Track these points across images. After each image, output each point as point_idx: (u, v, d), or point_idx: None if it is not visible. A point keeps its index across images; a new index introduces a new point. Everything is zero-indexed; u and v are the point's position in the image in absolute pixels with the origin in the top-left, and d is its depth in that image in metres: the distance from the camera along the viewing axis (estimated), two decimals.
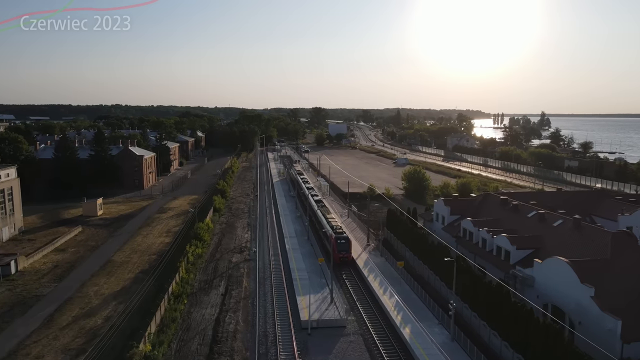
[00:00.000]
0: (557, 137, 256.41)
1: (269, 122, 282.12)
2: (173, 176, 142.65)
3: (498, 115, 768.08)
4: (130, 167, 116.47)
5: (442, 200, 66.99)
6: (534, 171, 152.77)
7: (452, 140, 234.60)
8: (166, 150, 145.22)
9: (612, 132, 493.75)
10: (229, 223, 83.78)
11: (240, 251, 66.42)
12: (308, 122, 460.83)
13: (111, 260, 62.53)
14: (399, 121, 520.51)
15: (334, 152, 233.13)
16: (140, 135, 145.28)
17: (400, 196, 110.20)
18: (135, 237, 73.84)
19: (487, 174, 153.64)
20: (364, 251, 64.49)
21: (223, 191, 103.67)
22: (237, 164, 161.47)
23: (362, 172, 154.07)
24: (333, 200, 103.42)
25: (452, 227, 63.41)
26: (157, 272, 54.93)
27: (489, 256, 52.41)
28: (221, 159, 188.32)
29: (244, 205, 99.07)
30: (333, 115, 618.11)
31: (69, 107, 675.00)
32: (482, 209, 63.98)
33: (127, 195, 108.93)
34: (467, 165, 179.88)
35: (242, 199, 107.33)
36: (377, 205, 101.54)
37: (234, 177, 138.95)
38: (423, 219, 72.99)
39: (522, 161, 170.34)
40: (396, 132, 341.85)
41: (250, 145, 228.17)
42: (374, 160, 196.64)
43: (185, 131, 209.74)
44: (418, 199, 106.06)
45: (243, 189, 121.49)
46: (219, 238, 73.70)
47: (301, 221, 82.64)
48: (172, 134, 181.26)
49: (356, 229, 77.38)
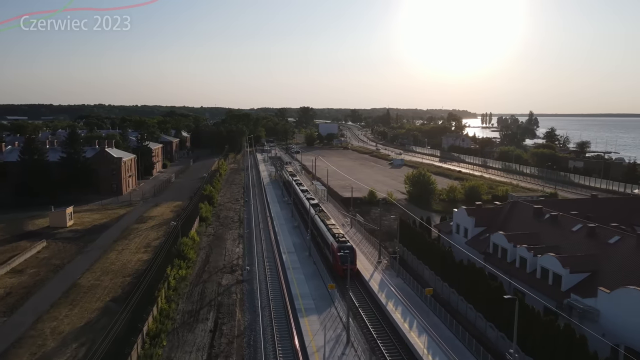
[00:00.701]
0: (552, 136, 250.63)
1: (257, 122, 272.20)
2: (156, 180, 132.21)
3: (486, 114, 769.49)
4: (107, 170, 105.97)
5: (465, 209, 58.28)
6: (538, 172, 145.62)
7: (448, 140, 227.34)
8: (148, 151, 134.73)
9: (599, 131, 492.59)
10: (217, 235, 74.16)
11: (231, 270, 56.94)
12: (296, 121, 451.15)
13: (77, 283, 52.59)
14: (388, 121, 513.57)
15: (325, 152, 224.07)
16: (120, 135, 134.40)
17: (403, 201, 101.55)
18: (108, 253, 63.82)
19: (489, 175, 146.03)
20: (376, 270, 55.50)
21: (210, 197, 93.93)
22: (225, 166, 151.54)
23: (358, 174, 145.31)
24: (332, 207, 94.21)
25: (477, 241, 54.76)
26: (132, 301, 45.21)
27: (531, 280, 43.79)
28: (208, 161, 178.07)
29: (234, 213, 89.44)
30: (321, 115, 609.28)
31: (50, 107, 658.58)
32: (512, 220, 55.46)
33: (104, 202, 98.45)
34: (465, 166, 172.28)
35: (232, 205, 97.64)
36: (379, 212, 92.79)
37: (221, 180, 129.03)
38: (439, 230, 64.27)
39: (522, 162, 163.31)
40: (387, 131, 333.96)
41: (238, 146, 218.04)
42: (368, 161, 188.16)
43: (169, 131, 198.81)
44: (423, 204, 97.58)
45: (232, 193, 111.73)
46: (207, 253, 64.11)
47: (299, 232, 73.41)
48: (155, 134, 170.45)
49: (363, 242, 68.34)
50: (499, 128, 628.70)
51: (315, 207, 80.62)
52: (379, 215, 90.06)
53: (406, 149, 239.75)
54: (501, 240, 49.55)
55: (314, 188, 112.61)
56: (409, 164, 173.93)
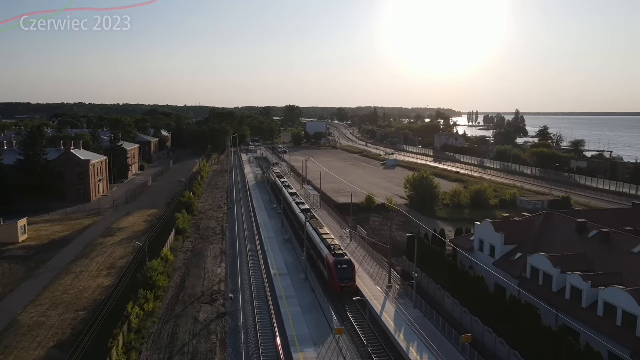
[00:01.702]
0: (545, 135, 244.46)
1: (242, 121, 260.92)
2: (131, 183, 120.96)
3: (472, 113, 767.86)
4: (73, 174, 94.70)
5: (491, 223, 49.03)
6: (540, 173, 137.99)
7: (441, 139, 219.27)
8: (122, 152, 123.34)
9: (587, 130, 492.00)
10: (196, 251, 63.87)
11: (211, 300, 46.84)
12: (282, 120, 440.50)
13: (16, 321, 42.03)
14: (375, 119, 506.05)
15: (314, 152, 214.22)
16: (90, 135, 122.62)
17: (403, 207, 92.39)
18: (63, 277, 53.19)
19: (489, 177, 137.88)
20: (388, 298, 45.96)
21: (189, 205, 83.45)
22: (207, 168, 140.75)
23: (350, 175, 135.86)
24: (327, 214, 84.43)
25: (508, 262, 45.54)
26: (80, 350, 34.88)
27: (590, 317, 34.68)
28: (189, 162, 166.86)
29: (216, 223, 79.12)
30: (306, 114, 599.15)
31: (28, 106, 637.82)
32: (548, 237, 46.40)
33: (68, 211, 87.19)
34: (462, 166, 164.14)
35: (214, 213, 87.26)
36: (378, 220, 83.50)
37: (203, 183, 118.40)
38: (456, 245, 55.05)
39: (521, 162, 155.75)
40: (377, 130, 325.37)
41: (222, 146, 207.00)
42: (359, 162, 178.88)
43: (148, 131, 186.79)
44: (426, 211, 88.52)
45: (214, 199, 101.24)
46: (182, 276, 53.90)
47: (291, 247, 63.55)
48: (132, 133, 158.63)
49: (367, 259, 58.70)
50: (486, 126, 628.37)
51: (306, 212, 71.40)
52: (378, 224, 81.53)
53: (397, 148, 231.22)
54: (543, 263, 40.37)
55: (304, 192, 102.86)
56: (403, 164, 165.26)
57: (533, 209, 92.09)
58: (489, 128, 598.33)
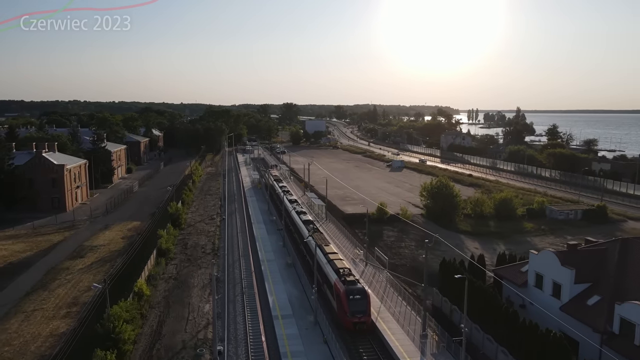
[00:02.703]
0: (554, 133, 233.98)
1: (239, 119, 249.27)
2: (115, 189, 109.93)
3: (472, 111, 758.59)
4: (45, 181, 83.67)
5: (554, 254, 38.34)
6: (560, 176, 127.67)
7: (447, 138, 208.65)
8: (106, 154, 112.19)
9: (587, 128, 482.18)
10: (180, 278, 53.03)
11: (194, 355, 36.07)
12: (279, 118, 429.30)
13: None
14: (375, 117, 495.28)
15: (313, 152, 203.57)
16: (69, 136, 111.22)
17: (419, 217, 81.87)
18: (9, 319, 42.26)
19: (505, 180, 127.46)
20: (423, 354, 35.20)
21: (176, 217, 72.55)
22: (200, 171, 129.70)
23: (355, 179, 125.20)
24: (335, 229, 73.62)
25: (582, 308, 34.91)
26: None
27: None
28: (181, 163, 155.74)
29: (206, 239, 68.23)
30: (304, 112, 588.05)
31: (21, 103, 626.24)
32: (628, 272, 35.89)
33: (38, 223, 76.08)
34: (472, 168, 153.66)
35: (204, 226, 76.39)
36: (393, 234, 72.80)
37: (195, 189, 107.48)
38: (501, 277, 44.41)
39: (535, 163, 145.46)
40: (378, 129, 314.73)
41: (217, 146, 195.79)
42: (363, 163, 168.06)
43: (138, 130, 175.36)
44: (446, 223, 77.95)
45: (206, 208, 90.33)
46: (160, 316, 43.10)
47: (296, 275, 52.74)
48: (119, 133, 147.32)
49: (389, 292, 47.82)
50: (487, 124, 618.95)
51: (308, 223, 61.48)
52: (393, 240, 69.94)
53: (401, 148, 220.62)
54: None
55: (307, 200, 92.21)
56: (410, 166, 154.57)
57: (565, 220, 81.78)
58: (490, 126, 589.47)
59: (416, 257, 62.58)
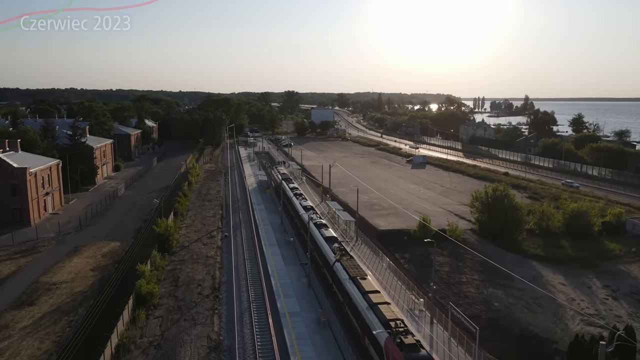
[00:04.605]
0: (580, 123, 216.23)
1: (239, 108, 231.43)
2: (98, 191, 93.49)
3: (478, 99, 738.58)
4: (3, 188, 67.05)
5: None
6: (612, 176, 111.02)
7: (467, 129, 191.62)
8: (86, 151, 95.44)
9: (600, 116, 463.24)
10: (166, 346, 36.57)
11: None
12: (280, 107, 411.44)
13: None
14: (380, 106, 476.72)
15: (321, 145, 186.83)
16: (40, 131, 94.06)
17: (470, 234, 65.60)
18: None
19: (549, 179, 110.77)
20: None
21: (165, 239, 56.14)
22: (197, 169, 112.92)
23: (375, 179, 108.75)
24: (370, 254, 57.11)
25: None
26: None
27: None
28: (177, 158, 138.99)
29: (204, 270, 51.77)
30: (305, 100, 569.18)
31: (16, 91, 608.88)
32: None
33: None
34: (503, 164, 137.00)
35: (201, 248, 59.90)
36: (447, 263, 56.25)
37: (190, 193, 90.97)
38: None
39: (574, 158, 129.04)
40: (387, 118, 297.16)
41: (217, 138, 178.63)
42: (379, 158, 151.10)
43: (128, 121, 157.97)
44: (506, 242, 61.69)
45: (204, 219, 73.79)
46: None
47: (332, 337, 36.48)
48: (107, 124, 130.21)
49: None
50: (495, 113, 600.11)
51: (331, 241, 48.21)
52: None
53: (415, 140, 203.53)
54: None
55: (325, 208, 76.00)
56: (433, 161, 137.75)
57: None
58: (499, 114, 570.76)
59: (488, 301, 46.33)
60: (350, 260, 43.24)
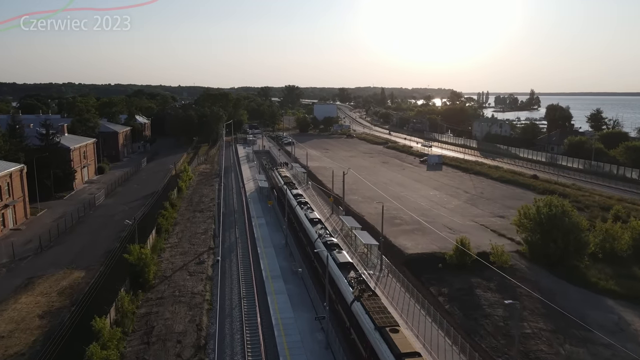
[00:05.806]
0: (598, 119, 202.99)
1: (238, 103, 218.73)
2: (75, 199, 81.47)
3: (482, 94, 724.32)
4: None
5: None
6: None
7: (481, 126, 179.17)
8: (60, 153, 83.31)
9: (609, 111, 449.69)
10: None
11: None
12: (280, 102, 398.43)
13: None
14: (384, 101, 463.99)
15: (325, 142, 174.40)
16: (5, 130, 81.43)
17: (516, 257, 53.49)
18: None
19: (584, 184, 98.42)
20: None
21: (139, 273, 44.02)
22: (189, 173, 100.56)
23: (389, 183, 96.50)
24: (401, 289, 44.87)
25: None
26: None
27: None
28: (170, 158, 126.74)
29: (188, 315, 39.55)
30: (306, 95, 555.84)
31: (13, 86, 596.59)
32: None
33: None
34: (527, 165, 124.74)
35: (186, 279, 47.72)
36: (494, 299, 44.18)
37: (180, 202, 78.88)
38: None
39: (604, 158, 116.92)
40: (393, 114, 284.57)
41: (214, 135, 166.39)
42: (389, 157, 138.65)
43: (117, 117, 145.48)
44: (566, 271, 49.61)
45: (193, 238, 61.56)
46: None
47: None
48: (91, 121, 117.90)
49: None
50: (500, 108, 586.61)
51: (346, 268, 38.65)
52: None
53: (425, 137, 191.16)
54: None
55: (338, 224, 64.02)
56: (449, 162, 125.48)
57: None
58: (504, 109, 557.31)
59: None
60: (373, 300, 33.06)
